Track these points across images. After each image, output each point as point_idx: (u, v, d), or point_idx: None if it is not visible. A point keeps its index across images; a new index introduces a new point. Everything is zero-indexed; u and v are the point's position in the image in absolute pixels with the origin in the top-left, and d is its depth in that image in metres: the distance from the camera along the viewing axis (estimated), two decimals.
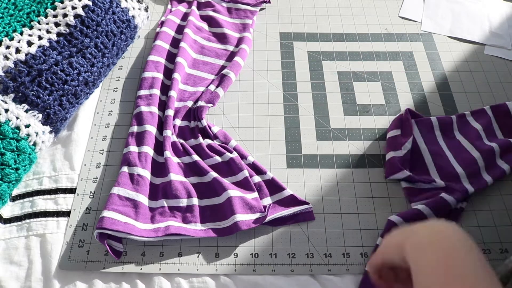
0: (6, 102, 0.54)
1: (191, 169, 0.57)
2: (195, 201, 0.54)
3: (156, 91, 0.64)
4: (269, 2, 0.81)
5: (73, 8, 0.61)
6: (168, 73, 0.68)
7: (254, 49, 0.74)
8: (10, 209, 0.54)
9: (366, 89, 0.69)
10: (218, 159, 0.58)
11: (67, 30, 0.60)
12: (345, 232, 0.54)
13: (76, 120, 0.63)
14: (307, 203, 0.55)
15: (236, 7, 0.78)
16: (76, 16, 0.61)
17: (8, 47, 0.57)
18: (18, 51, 0.57)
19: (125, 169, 0.56)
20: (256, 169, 0.57)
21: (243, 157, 0.58)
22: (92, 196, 0.56)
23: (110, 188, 0.55)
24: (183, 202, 0.54)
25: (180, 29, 0.74)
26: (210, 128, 0.61)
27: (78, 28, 0.60)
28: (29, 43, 0.58)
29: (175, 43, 0.72)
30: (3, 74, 0.55)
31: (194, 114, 0.63)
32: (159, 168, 0.57)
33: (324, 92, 0.68)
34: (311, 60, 0.72)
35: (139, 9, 0.70)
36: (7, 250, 0.51)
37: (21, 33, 0.59)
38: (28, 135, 0.54)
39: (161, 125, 0.61)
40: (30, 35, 0.59)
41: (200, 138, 0.60)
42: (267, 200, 0.55)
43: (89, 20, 0.61)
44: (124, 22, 0.66)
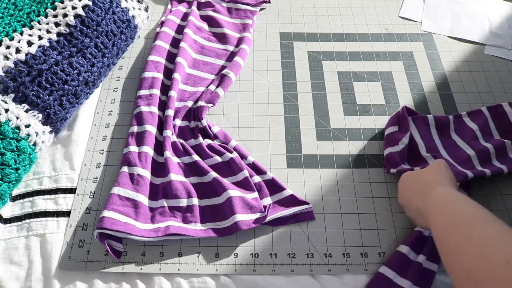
0: (6, 102, 0.54)
1: (191, 169, 0.57)
2: (195, 201, 0.54)
3: (156, 91, 0.64)
4: (269, 2, 0.81)
5: (73, 8, 0.61)
6: (168, 73, 0.68)
7: (254, 49, 0.74)
8: (10, 209, 0.54)
9: (366, 89, 0.69)
10: (218, 159, 0.58)
11: (67, 30, 0.60)
12: (345, 232, 0.54)
13: (76, 120, 0.63)
14: (307, 203, 0.55)
15: (236, 7, 0.78)
16: (76, 16, 0.61)
17: (8, 47, 0.57)
18: (18, 51, 0.57)
19: (125, 169, 0.56)
20: (256, 169, 0.57)
21: (243, 157, 0.58)
22: (92, 196, 0.56)
23: (110, 188, 0.55)
24: (183, 202, 0.54)
25: (180, 29, 0.74)
26: (210, 128, 0.61)
27: (78, 28, 0.60)
28: (29, 43, 0.58)
29: (175, 43, 0.72)
30: (3, 74, 0.55)
31: (194, 114, 0.63)
32: (159, 168, 0.57)
33: (324, 92, 0.68)
34: (311, 60, 0.72)
35: (139, 9, 0.70)
36: (7, 250, 0.51)
37: (21, 33, 0.59)
38: (28, 135, 0.54)
39: (161, 125, 0.61)
40: (30, 35, 0.59)
41: (200, 138, 0.60)
42: (267, 200, 0.55)
43: (89, 20, 0.61)
44: (124, 22, 0.66)
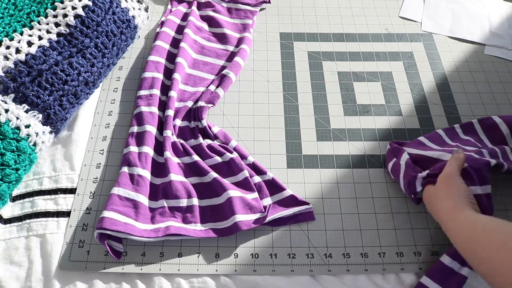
0: (6, 102, 0.54)
1: (191, 169, 0.57)
2: (195, 201, 0.54)
3: (156, 91, 0.64)
4: (269, 2, 0.81)
5: (73, 8, 0.61)
6: (168, 73, 0.68)
7: (254, 49, 0.74)
8: (10, 209, 0.54)
9: (366, 89, 0.69)
10: (218, 159, 0.58)
11: (67, 30, 0.60)
12: (345, 232, 0.54)
13: (76, 120, 0.63)
14: (307, 203, 0.55)
15: (236, 7, 0.78)
16: (76, 16, 0.61)
17: (8, 47, 0.57)
18: (18, 51, 0.57)
19: (125, 169, 0.56)
20: (256, 169, 0.57)
21: (243, 157, 0.58)
22: (92, 196, 0.56)
23: (110, 188, 0.55)
24: (183, 202, 0.54)
25: (180, 29, 0.74)
26: (210, 128, 0.61)
27: (78, 28, 0.60)
28: (29, 43, 0.58)
29: (175, 43, 0.72)
30: (3, 74, 0.55)
31: (194, 114, 0.63)
32: (159, 168, 0.57)
33: (324, 92, 0.68)
34: (311, 60, 0.72)
35: (139, 9, 0.70)
36: (7, 250, 0.51)
37: (21, 33, 0.59)
38: (28, 135, 0.54)
39: (161, 125, 0.61)
40: (30, 35, 0.59)
41: (200, 138, 0.60)
42: (267, 200, 0.55)
43: (89, 20, 0.61)
44: (124, 22, 0.66)
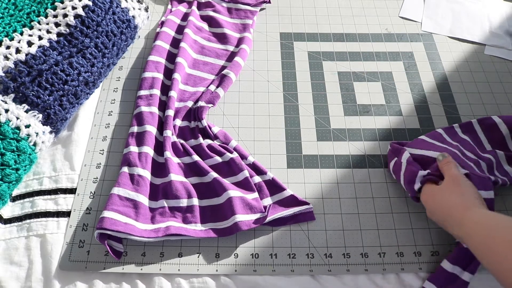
0: (6, 102, 0.54)
1: (191, 170, 0.57)
2: (195, 201, 0.54)
3: (156, 91, 0.64)
4: (269, 2, 0.81)
5: (73, 8, 0.61)
6: (168, 73, 0.67)
7: (254, 49, 0.74)
8: (10, 210, 0.54)
9: (367, 89, 0.69)
10: (219, 159, 0.58)
11: (67, 30, 0.60)
12: (345, 232, 0.54)
13: (76, 120, 0.63)
14: (307, 203, 0.55)
15: (236, 7, 0.78)
16: (76, 16, 0.61)
17: (8, 47, 0.57)
18: (18, 51, 0.57)
19: (125, 169, 0.56)
20: (257, 169, 0.57)
21: (243, 157, 0.58)
22: (92, 197, 0.56)
23: (110, 188, 0.55)
24: (183, 202, 0.54)
25: (180, 29, 0.74)
26: (210, 128, 0.61)
27: (78, 28, 0.60)
28: (29, 43, 0.58)
29: (175, 43, 0.72)
30: (3, 74, 0.55)
31: (194, 114, 0.63)
32: (159, 169, 0.57)
33: (324, 92, 0.68)
34: (311, 60, 0.72)
35: (139, 9, 0.70)
36: (7, 251, 0.51)
37: (21, 33, 0.59)
38: (28, 135, 0.54)
39: (161, 125, 0.61)
40: (30, 35, 0.59)
41: (200, 139, 0.60)
42: (268, 201, 0.55)
43: (89, 20, 0.61)
44: (124, 22, 0.66)
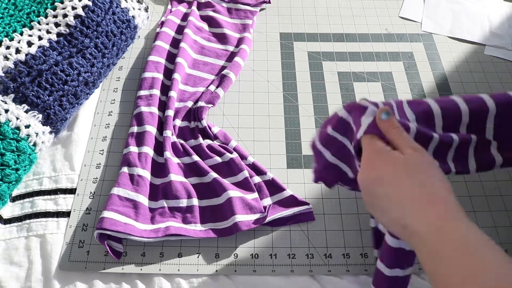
0: (6, 103, 0.54)
1: (191, 170, 0.57)
2: (195, 201, 0.54)
3: (156, 92, 0.64)
4: (269, 2, 0.81)
5: (73, 8, 0.61)
6: (168, 73, 0.67)
7: (254, 49, 0.74)
8: (10, 210, 0.54)
9: (366, 89, 0.69)
10: (218, 159, 0.58)
11: (67, 30, 0.60)
12: (345, 232, 0.54)
13: (76, 120, 0.63)
14: (307, 204, 0.55)
15: (236, 7, 0.78)
16: (76, 16, 0.61)
17: (8, 48, 0.57)
18: (18, 51, 0.57)
19: (125, 169, 0.56)
20: (256, 169, 0.57)
21: (243, 157, 0.58)
22: (92, 197, 0.56)
23: (110, 188, 0.55)
24: (183, 202, 0.54)
25: (180, 30, 0.74)
26: (210, 128, 0.61)
27: (78, 29, 0.60)
28: (29, 44, 0.58)
29: (175, 43, 0.72)
30: (3, 75, 0.55)
31: (194, 114, 0.63)
32: (159, 169, 0.57)
33: (324, 93, 0.68)
34: (311, 61, 0.72)
35: (139, 9, 0.70)
36: (7, 251, 0.51)
37: (21, 34, 0.59)
38: (28, 135, 0.54)
39: (161, 125, 0.61)
40: (30, 36, 0.59)
41: (200, 139, 0.60)
42: (267, 201, 0.55)
43: (89, 21, 0.61)
44: (124, 22, 0.66)
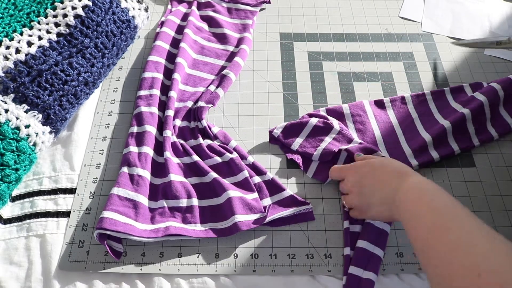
0: (6, 103, 0.54)
1: (191, 170, 0.57)
2: (195, 201, 0.54)
3: (156, 92, 0.64)
4: (269, 2, 0.81)
5: (73, 8, 0.61)
6: (168, 73, 0.67)
7: (254, 49, 0.74)
8: (10, 210, 0.54)
9: (366, 89, 0.69)
10: (218, 159, 0.58)
11: (67, 30, 0.60)
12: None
13: (76, 120, 0.63)
14: (307, 204, 0.55)
15: (236, 7, 0.78)
16: (76, 16, 0.61)
17: (8, 48, 0.57)
18: (18, 51, 0.57)
19: (125, 169, 0.56)
20: (256, 169, 0.57)
21: (243, 157, 0.58)
22: (92, 197, 0.56)
23: (110, 188, 0.55)
24: (183, 202, 0.54)
25: (180, 30, 0.74)
26: (210, 128, 0.61)
27: (78, 28, 0.60)
28: (29, 44, 0.58)
29: (175, 43, 0.72)
30: (3, 75, 0.55)
31: (194, 114, 0.63)
32: (159, 169, 0.57)
33: (324, 93, 0.68)
34: (311, 61, 0.72)
35: (139, 9, 0.70)
36: (7, 251, 0.51)
37: (21, 33, 0.59)
38: (28, 135, 0.54)
39: (161, 125, 0.61)
40: (30, 35, 0.59)
41: (200, 139, 0.60)
42: (267, 201, 0.55)
43: (89, 21, 0.61)
44: (124, 22, 0.66)
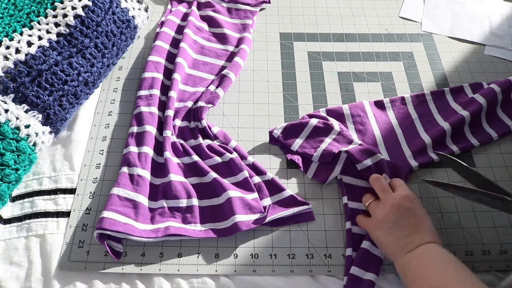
0: (6, 103, 0.54)
1: (191, 170, 0.57)
2: (195, 201, 0.54)
3: (156, 92, 0.64)
4: (269, 2, 0.81)
5: (73, 8, 0.61)
6: (168, 73, 0.67)
7: (254, 49, 0.74)
8: (10, 210, 0.55)
9: (366, 89, 0.69)
10: (218, 159, 0.58)
11: (67, 30, 0.60)
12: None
13: (76, 120, 0.63)
14: (307, 204, 0.55)
15: (236, 7, 0.78)
16: (76, 16, 0.61)
17: (8, 48, 0.57)
18: (18, 51, 0.57)
19: (125, 169, 0.56)
20: (256, 169, 0.57)
21: (243, 157, 0.58)
22: (92, 197, 0.56)
23: (110, 188, 0.55)
24: (183, 202, 0.54)
25: (180, 30, 0.74)
26: (210, 128, 0.61)
27: (78, 29, 0.60)
28: (29, 44, 0.58)
29: (175, 43, 0.72)
30: (3, 75, 0.55)
31: (194, 114, 0.63)
32: (159, 169, 0.57)
33: (324, 93, 0.68)
34: (311, 61, 0.72)
35: (139, 9, 0.70)
36: (7, 251, 0.51)
37: (21, 33, 0.59)
38: (28, 135, 0.54)
39: (161, 125, 0.61)
40: (30, 36, 0.59)
41: (200, 139, 0.60)
42: (267, 201, 0.55)
43: (89, 21, 0.61)
44: (124, 22, 0.66)
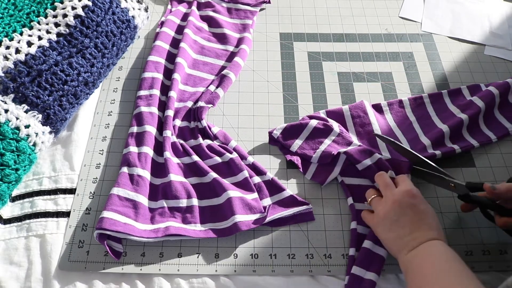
0: (6, 103, 0.54)
1: (191, 170, 0.57)
2: (195, 201, 0.54)
3: (156, 92, 0.64)
4: (269, 2, 0.81)
5: (73, 8, 0.61)
6: (168, 73, 0.67)
7: (254, 49, 0.74)
8: (10, 210, 0.55)
9: (366, 89, 0.69)
10: (218, 159, 0.58)
11: (67, 30, 0.60)
12: (345, 232, 0.54)
13: (76, 120, 0.63)
14: (307, 204, 0.55)
15: (236, 7, 0.78)
16: (76, 16, 0.61)
17: (8, 48, 0.57)
18: (18, 51, 0.57)
19: (125, 169, 0.56)
20: (256, 169, 0.57)
21: (243, 157, 0.58)
22: (92, 197, 0.56)
23: (110, 188, 0.55)
24: (183, 202, 0.54)
25: (180, 30, 0.74)
26: (210, 128, 0.61)
27: (78, 29, 0.60)
28: (29, 44, 0.58)
29: (175, 43, 0.72)
30: (3, 75, 0.55)
31: (194, 114, 0.63)
32: (159, 169, 0.57)
33: (324, 93, 0.68)
34: (311, 61, 0.72)
35: (139, 9, 0.70)
36: (7, 251, 0.51)
37: (21, 34, 0.59)
38: (28, 135, 0.54)
39: (161, 125, 0.61)
40: (30, 36, 0.59)
41: (200, 139, 0.60)
42: (267, 201, 0.55)
43: (89, 21, 0.61)
44: (124, 22, 0.66)
